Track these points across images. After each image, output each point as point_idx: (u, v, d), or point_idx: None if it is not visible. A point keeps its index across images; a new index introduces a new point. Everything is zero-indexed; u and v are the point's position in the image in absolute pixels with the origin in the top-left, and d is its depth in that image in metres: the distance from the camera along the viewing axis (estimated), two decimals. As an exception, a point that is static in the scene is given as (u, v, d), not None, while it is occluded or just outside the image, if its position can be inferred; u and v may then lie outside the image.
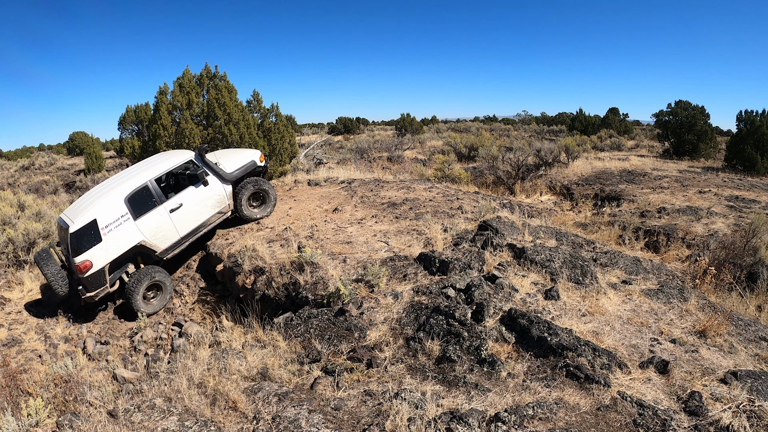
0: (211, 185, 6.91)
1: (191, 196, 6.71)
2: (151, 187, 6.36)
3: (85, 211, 5.94)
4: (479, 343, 3.54)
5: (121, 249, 6.09)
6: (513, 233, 6.26)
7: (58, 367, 4.13)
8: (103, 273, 5.99)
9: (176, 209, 6.53)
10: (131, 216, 6.15)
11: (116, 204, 6.07)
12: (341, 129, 37.75)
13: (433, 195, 8.67)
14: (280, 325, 4.48)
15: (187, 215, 6.66)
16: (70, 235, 5.75)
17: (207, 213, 6.90)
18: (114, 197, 6.11)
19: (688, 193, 10.14)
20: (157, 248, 6.44)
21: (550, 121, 39.15)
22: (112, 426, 2.87)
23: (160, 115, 9.43)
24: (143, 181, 6.32)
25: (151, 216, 6.32)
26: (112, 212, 6.01)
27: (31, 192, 14.84)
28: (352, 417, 2.91)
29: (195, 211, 6.74)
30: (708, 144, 17.09)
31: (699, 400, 2.85)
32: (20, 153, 33.55)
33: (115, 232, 6.00)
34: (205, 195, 6.84)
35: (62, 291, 6.05)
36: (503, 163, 13.99)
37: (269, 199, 7.68)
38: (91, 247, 5.85)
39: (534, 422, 2.67)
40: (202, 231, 6.97)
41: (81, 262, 5.77)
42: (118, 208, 6.07)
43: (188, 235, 6.78)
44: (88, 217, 5.85)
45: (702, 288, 5.17)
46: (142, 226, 6.24)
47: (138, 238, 6.20)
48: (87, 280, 5.88)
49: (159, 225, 6.39)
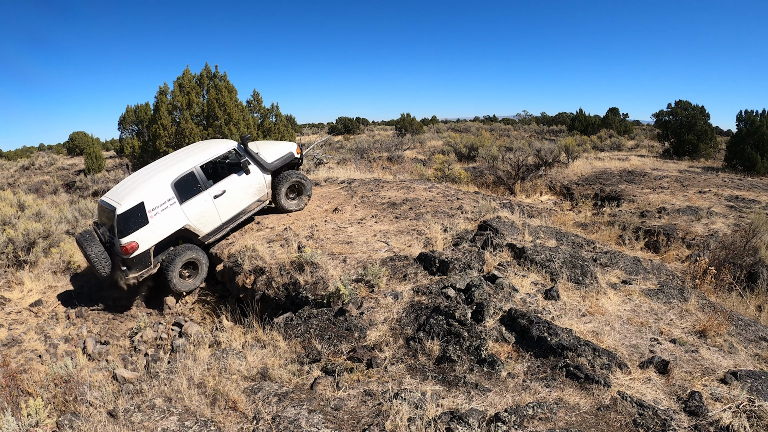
0: (252, 174, 7.08)
1: (234, 183, 6.89)
2: (196, 173, 6.53)
3: (133, 193, 6.07)
4: (479, 343, 3.54)
5: (166, 232, 6.22)
6: (513, 233, 6.26)
7: (58, 367, 4.13)
8: (148, 254, 6.13)
9: (219, 195, 6.70)
10: (177, 200, 6.31)
11: (163, 188, 6.22)
12: (341, 129, 37.76)
13: (433, 195, 8.67)
14: (280, 325, 4.48)
15: (230, 202, 6.83)
16: (117, 217, 5.86)
17: (247, 200, 7.07)
18: (161, 181, 6.26)
19: (688, 193, 10.14)
20: (201, 232, 6.60)
21: (550, 121, 39.16)
22: (112, 426, 2.87)
23: (160, 115, 9.43)
24: (190, 167, 6.49)
25: (196, 201, 6.49)
26: (159, 196, 6.15)
27: (31, 192, 14.84)
28: (352, 417, 2.91)
29: (237, 198, 6.92)
30: (708, 144, 17.09)
31: (699, 400, 2.85)
32: (20, 153, 33.56)
33: (161, 215, 6.14)
34: (246, 183, 7.01)
35: (105, 272, 6.14)
36: (503, 163, 13.99)
37: (305, 191, 7.83)
38: (137, 229, 5.97)
39: (534, 422, 2.67)
40: (241, 218, 7.12)
41: (127, 243, 5.88)
42: (165, 192, 6.21)
43: (229, 221, 6.95)
44: (135, 199, 5.98)
45: (702, 288, 5.17)
46: (187, 210, 6.39)
47: (183, 221, 6.36)
48: (131, 260, 5.98)
49: (203, 210, 6.56)
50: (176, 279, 6.41)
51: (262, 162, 7.18)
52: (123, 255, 5.95)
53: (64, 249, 8.16)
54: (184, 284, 6.56)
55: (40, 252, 8.12)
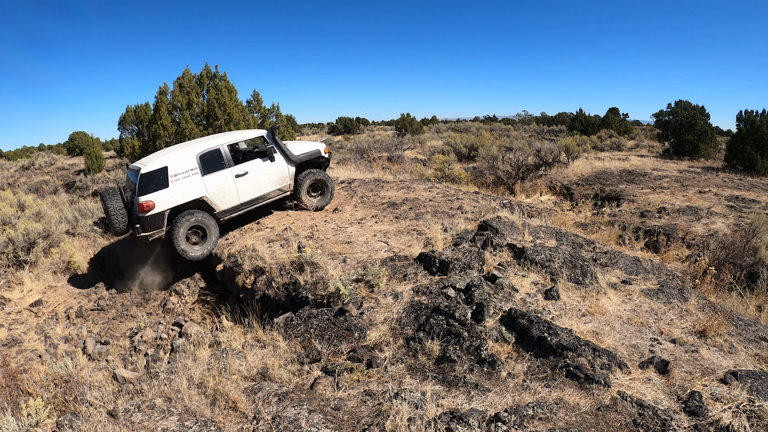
0: (276, 162, 7.33)
1: (257, 167, 7.15)
2: (222, 151, 6.85)
3: (159, 159, 6.48)
4: (479, 343, 3.54)
5: (184, 198, 6.47)
6: (513, 233, 6.26)
7: (58, 367, 4.13)
8: (162, 216, 6.36)
9: (241, 176, 6.95)
10: (200, 171, 6.62)
11: (188, 158, 6.57)
12: (341, 129, 37.76)
13: (433, 195, 8.66)
14: (280, 325, 4.48)
15: (250, 183, 7.07)
16: (141, 176, 6.23)
17: (268, 187, 7.30)
18: (188, 152, 6.64)
19: (688, 193, 10.14)
20: (217, 207, 6.80)
21: (550, 121, 39.15)
22: (112, 426, 2.87)
23: (160, 115, 9.42)
24: (217, 144, 6.86)
25: (218, 176, 6.76)
26: (183, 164, 6.50)
27: (31, 192, 14.85)
28: (352, 417, 2.91)
29: (258, 181, 7.16)
30: (708, 144, 17.09)
31: (699, 400, 2.85)
32: (20, 153, 33.57)
33: (182, 182, 6.45)
34: (269, 169, 7.26)
35: (120, 227, 6.42)
36: (503, 163, 13.99)
37: (328, 190, 7.96)
38: (157, 190, 6.28)
39: (534, 422, 2.67)
40: (260, 203, 7.29)
41: (145, 201, 6.20)
42: (189, 162, 6.55)
43: (247, 203, 7.13)
44: (160, 163, 6.38)
45: (702, 288, 5.17)
46: (207, 183, 6.66)
47: (201, 192, 6.60)
48: (146, 219, 6.26)
49: (223, 186, 6.80)
50: (182, 241, 6.50)
51: (287, 152, 7.41)
52: (139, 213, 6.23)
53: (64, 249, 8.16)
54: (190, 248, 6.63)
55: (40, 252, 8.12)
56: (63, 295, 7.20)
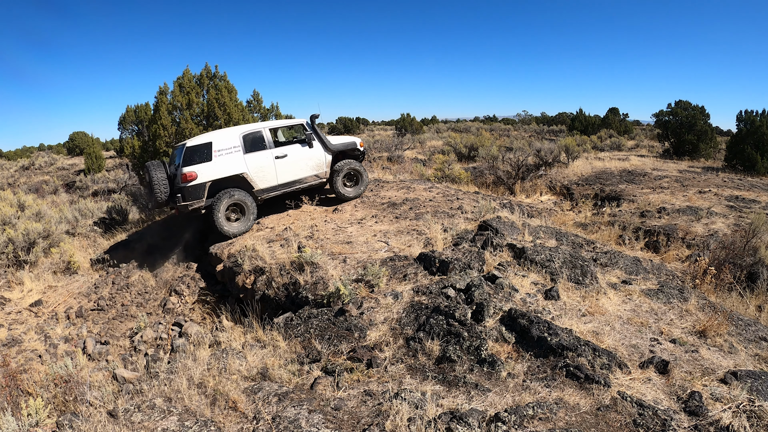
0: (314, 149, 7.73)
1: (296, 151, 7.57)
2: (264, 134, 7.33)
3: (205, 135, 7.01)
4: (479, 343, 3.54)
5: (225, 172, 6.88)
6: (513, 233, 6.26)
7: (58, 367, 4.13)
8: (203, 187, 6.76)
9: (281, 158, 7.37)
10: (242, 150, 7.06)
11: (232, 136, 7.05)
12: (341, 129, 37.75)
13: (433, 195, 8.66)
14: (280, 325, 4.48)
15: (288, 166, 7.47)
16: (186, 149, 6.72)
17: (305, 171, 7.67)
18: (232, 131, 7.13)
19: (688, 193, 10.14)
20: (256, 185, 7.18)
21: (550, 121, 39.16)
22: (112, 426, 2.87)
23: (160, 115, 9.42)
24: (260, 128, 7.37)
25: (259, 155, 7.19)
26: (227, 142, 6.97)
27: (31, 192, 14.84)
28: (352, 417, 2.91)
29: (296, 165, 7.56)
30: (708, 144, 17.08)
31: (699, 400, 2.85)
32: (20, 153, 33.57)
33: (224, 158, 6.89)
34: (307, 155, 7.65)
35: (162, 197, 6.83)
36: (503, 163, 13.98)
37: (362, 180, 8.34)
38: (200, 163, 6.73)
39: (534, 422, 2.67)
40: (296, 186, 7.66)
41: (188, 171, 6.64)
42: (233, 140, 7.02)
43: (284, 185, 7.51)
44: (205, 139, 6.89)
45: (702, 288, 5.17)
46: (248, 161, 7.08)
47: (242, 169, 7.01)
48: (188, 189, 6.66)
49: (263, 165, 7.20)
50: (222, 219, 6.90)
51: (325, 140, 7.81)
52: (181, 182, 6.64)
53: (64, 249, 8.16)
54: (229, 225, 7.03)
55: (40, 252, 8.12)
56: (63, 295, 7.20)
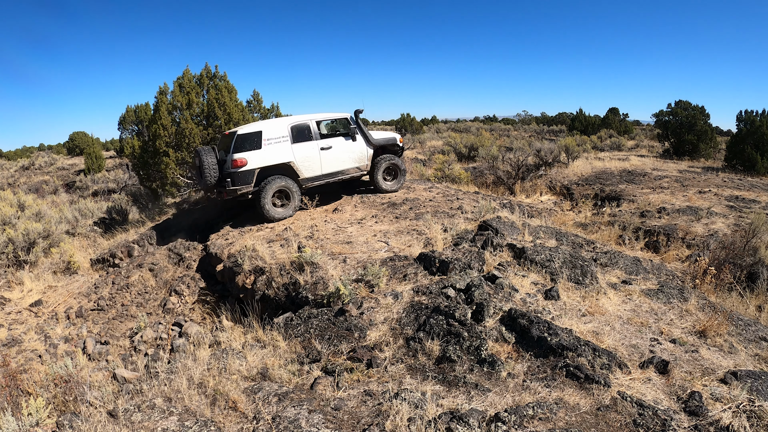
0: (357, 142, 8.16)
1: (340, 144, 7.99)
2: (311, 126, 7.72)
3: (255, 125, 7.45)
4: (479, 343, 3.54)
5: (273, 160, 7.29)
6: (513, 233, 6.26)
7: (58, 367, 4.12)
8: (252, 174, 7.15)
9: (326, 149, 7.78)
10: (290, 140, 7.46)
11: (282, 127, 7.46)
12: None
13: (433, 195, 8.66)
14: (280, 325, 4.48)
15: (332, 157, 7.88)
16: (237, 136, 7.11)
17: (348, 163, 8.09)
18: (281, 122, 7.55)
19: (688, 193, 10.14)
20: (301, 174, 7.58)
21: (550, 121, 39.16)
22: (112, 426, 2.87)
23: (160, 115, 9.41)
24: (307, 120, 7.74)
25: (305, 146, 7.59)
26: (276, 131, 7.37)
27: (31, 192, 14.84)
28: (352, 417, 2.91)
29: (339, 157, 7.96)
30: (708, 144, 17.08)
31: (699, 400, 2.85)
32: (20, 153, 33.58)
33: (273, 146, 7.30)
34: (350, 148, 8.07)
35: (211, 181, 7.18)
36: (503, 163, 13.98)
37: (400, 174, 8.78)
38: (250, 150, 7.14)
39: (534, 422, 2.67)
40: (338, 177, 8.04)
41: (239, 158, 7.05)
42: (282, 130, 7.42)
43: (327, 176, 7.90)
44: (256, 128, 7.32)
45: (702, 288, 5.17)
46: (295, 150, 7.48)
47: (289, 158, 7.42)
48: (237, 174, 7.06)
49: (308, 155, 7.60)
50: (268, 204, 7.30)
51: (368, 135, 8.24)
52: (231, 168, 7.03)
53: (64, 249, 8.16)
54: (275, 211, 7.40)
55: (40, 252, 8.12)
56: (63, 295, 7.21)
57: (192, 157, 7.64)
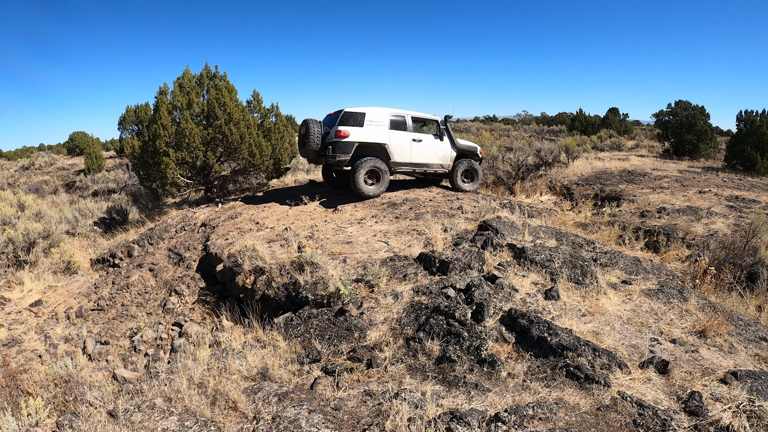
0: (444, 142, 9.13)
1: (429, 140, 8.96)
2: (407, 118, 8.73)
3: (361, 108, 8.36)
4: (479, 343, 3.53)
5: (371, 139, 8.21)
6: (513, 233, 6.25)
7: (58, 367, 4.13)
8: (351, 146, 8.05)
9: (417, 141, 8.75)
10: (388, 126, 8.44)
11: (383, 113, 8.47)
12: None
13: (433, 195, 8.67)
14: (280, 325, 4.48)
15: (421, 150, 8.83)
16: (344, 113, 8.15)
17: (433, 159, 9.02)
18: (383, 110, 8.54)
19: (688, 193, 10.14)
20: (393, 157, 8.49)
21: (550, 121, 39.15)
22: (112, 426, 2.87)
23: (160, 115, 9.41)
24: (404, 113, 8.76)
25: (399, 134, 8.55)
26: (378, 116, 8.39)
27: (31, 192, 14.84)
28: (352, 417, 2.91)
29: (427, 151, 8.91)
30: (708, 144, 17.09)
31: (699, 400, 2.85)
32: (20, 153, 33.58)
33: (372, 127, 8.27)
34: (438, 146, 9.03)
35: (314, 146, 8.23)
36: (503, 163, 13.98)
37: (477, 178, 9.66)
38: (353, 126, 8.12)
39: (534, 422, 2.67)
40: (423, 169, 8.95)
41: (342, 129, 8.04)
42: (383, 116, 8.44)
43: (414, 165, 8.81)
44: (361, 110, 8.30)
45: (702, 288, 5.17)
46: (390, 136, 8.45)
47: (384, 140, 8.35)
48: (339, 144, 8.01)
49: (401, 142, 8.55)
50: (361, 182, 8.18)
51: (453, 138, 9.23)
52: (335, 137, 8.01)
53: (64, 249, 8.16)
54: (366, 188, 8.28)
55: (40, 252, 8.12)
56: (63, 295, 7.21)
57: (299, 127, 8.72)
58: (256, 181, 11.27)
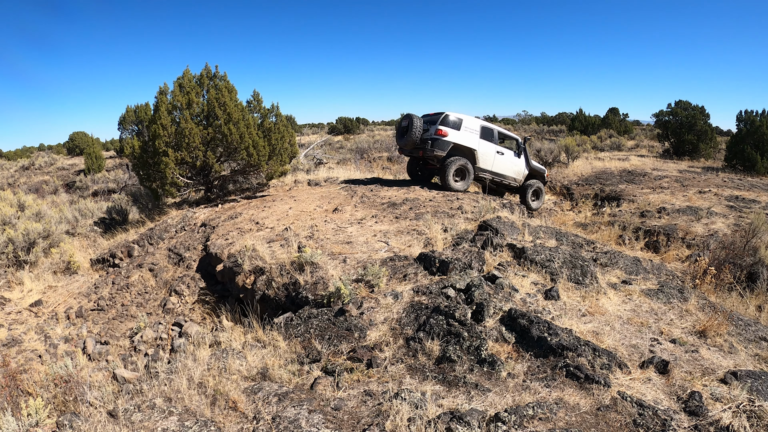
0: (520, 160, 10.34)
1: (510, 155, 10.18)
2: (495, 132, 9.99)
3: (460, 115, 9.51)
4: (479, 343, 3.53)
5: (464, 142, 9.30)
6: (513, 233, 6.25)
7: (58, 367, 4.12)
8: (446, 144, 9.11)
9: (499, 153, 9.91)
10: (479, 134, 9.59)
11: (477, 123, 9.65)
12: (341, 129, 37.71)
13: (433, 195, 8.66)
14: (280, 325, 4.48)
15: (501, 162, 9.98)
16: (445, 114, 9.26)
17: (510, 172, 10.19)
18: (477, 120, 9.72)
19: (688, 193, 10.14)
20: (478, 162, 9.61)
21: (550, 121, 39.13)
22: (112, 426, 2.87)
23: (159, 115, 9.40)
24: (494, 127, 9.98)
25: (486, 144, 9.69)
26: (472, 124, 9.56)
27: (31, 192, 14.84)
28: (352, 417, 2.91)
29: (506, 164, 10.08)
30: (708, 144, 17.09)
31: (699, 400, 2.85)
32: (20, 153, 33.58)
33: (466, 133, 9.41)
34: (515, 162, 10.25)
35: (415, 137, 9.21)
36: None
37: (541, 198, 10.73)
38: (451, 128, 9.20)
39: (534, 422, 2.67)
40: (499, 179, 10.08)
41: (442, 128, 9.12)
42: (476, 126, 9.60)
43: (493, 173, 9.93)
44: (460, 117, 9.44)
45: (702, 288, 5.17)
46: (479, 144, 9.57)
47: (475, 146, 9.48)
48: (437, 141, 9.07)
49: (486, 151, 9.69)
50: (450, 178, 9.16)
51: (528, 158, 10.44)
52: (435, 135, 9.10)
53: (64, 249, 8.16)
54: (454, 183, 9.25)
55: (40, 252, 8.12)
56: (63, 295, 7.21)
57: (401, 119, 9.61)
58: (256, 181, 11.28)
